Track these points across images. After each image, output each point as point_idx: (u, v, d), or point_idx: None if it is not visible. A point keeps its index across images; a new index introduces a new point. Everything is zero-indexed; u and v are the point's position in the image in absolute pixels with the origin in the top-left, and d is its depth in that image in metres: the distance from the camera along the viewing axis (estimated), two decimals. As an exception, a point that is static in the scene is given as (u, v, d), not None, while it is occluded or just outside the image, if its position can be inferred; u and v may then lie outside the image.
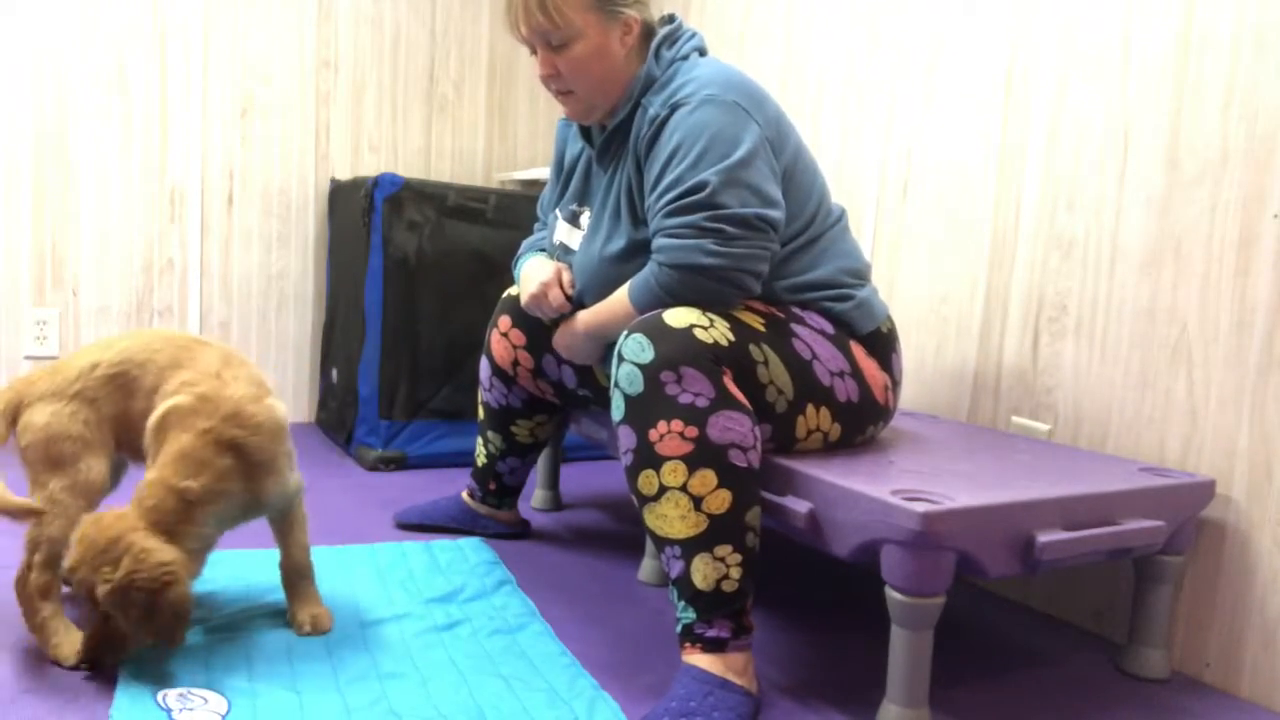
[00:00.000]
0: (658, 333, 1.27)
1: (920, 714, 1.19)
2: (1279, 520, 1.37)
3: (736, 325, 1.32)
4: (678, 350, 1.25)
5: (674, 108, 1.39)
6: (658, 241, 1.37)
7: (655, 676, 1.37)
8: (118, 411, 1.33)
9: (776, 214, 1.36)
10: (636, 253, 1.46)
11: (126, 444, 1.36)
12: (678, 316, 1.28)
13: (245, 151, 2.81)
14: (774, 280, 1.44)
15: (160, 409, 1.28)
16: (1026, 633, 1.62)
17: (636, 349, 1.27)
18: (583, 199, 1.63)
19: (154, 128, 2.69)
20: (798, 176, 1.46)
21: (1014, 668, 1.48)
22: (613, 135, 1.52)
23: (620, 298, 1.45)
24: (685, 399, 1.24)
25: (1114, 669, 1.49)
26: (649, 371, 1.25)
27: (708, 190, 1.32)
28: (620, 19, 1.47)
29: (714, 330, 1.28)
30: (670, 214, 1.36)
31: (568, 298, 1.60)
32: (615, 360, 1.30)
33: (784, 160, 1.43)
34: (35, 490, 1.29)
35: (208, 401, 1.26)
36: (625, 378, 1.28)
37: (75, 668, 1.26)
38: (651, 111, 1.43)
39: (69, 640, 1.27)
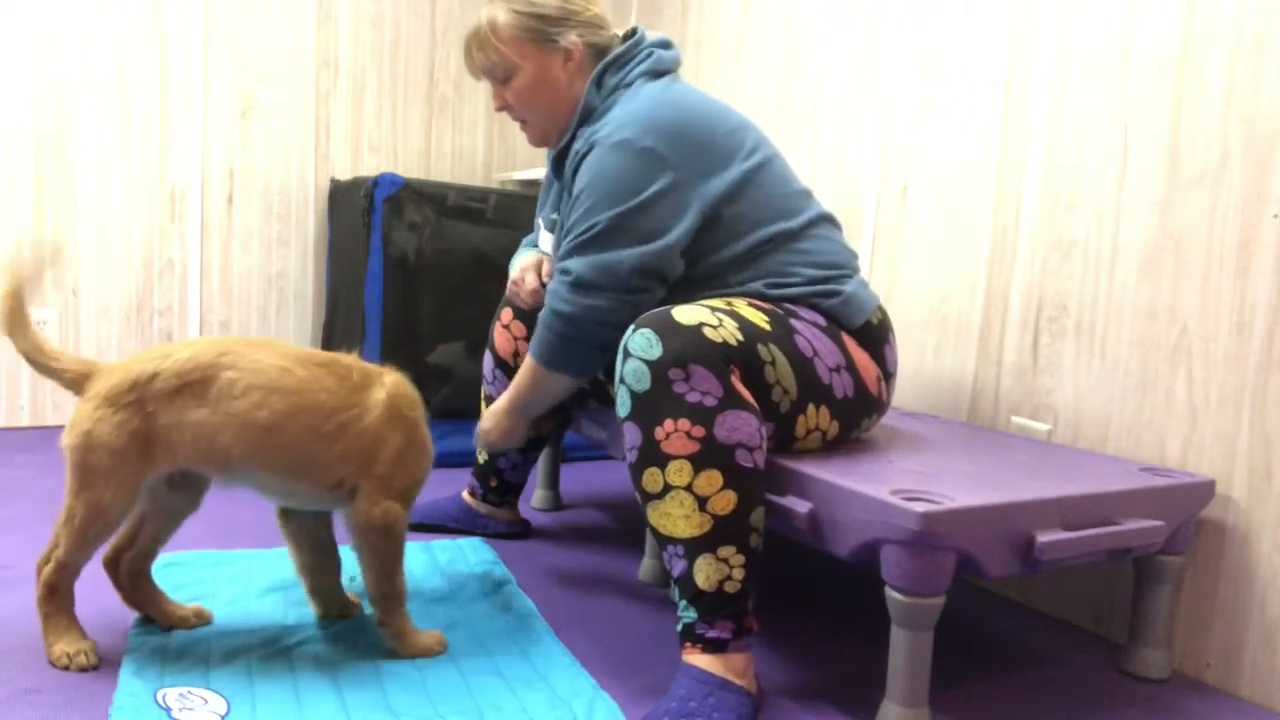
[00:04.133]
0: (666, 329, 1.26)
1: (920, 714, 1.19)
2: (1279, 520, 1.37)
3: (744, 324, 1.32)
4: (687, 348, 1.24)
5: (592, 146, 1.44)
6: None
7: (655, 676, 1.37)
8: (180, 420, 1.25)
9: (659, 245, 1.40)
10: None
11: (205, 454, 1.27)
12: (687, 313, 1.28)
13: (245, 151, 2.81)
14: (751, 280, 1.44)
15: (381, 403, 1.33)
16: (1026, 633, 1.62)
17: (644, 345, 1.26)
18: (558, 207, 1.65)
19: (154, 128, 2.69)
20: (760, 190, 1.46)
21: (1014, 668, 1.48)
22: (558, 161, 1.58)
23: (526, 363, 1.55)
24: (693, 397, 1.23)
25: (1114, 669, 1.49)
26: (657, 368, 1.24)
27: (590, 234, 1.41)
28: (559, 47, 1.53)
29: (723, 329, 1.28)
30: (559, 257, 1.46)
31: (544, 286, 1.63)
32: (621, 355, 1.29)
33: (729, 188, 1.43)
34: (67, 493, 1.25)
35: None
36: (632, 374, 1.27)
37: (64, 669, 1.26)
38: (576, 145, 1.48)
39: (62, 641, 1.27)
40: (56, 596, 1.28)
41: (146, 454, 1.25)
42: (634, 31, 1.56)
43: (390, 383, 1.35)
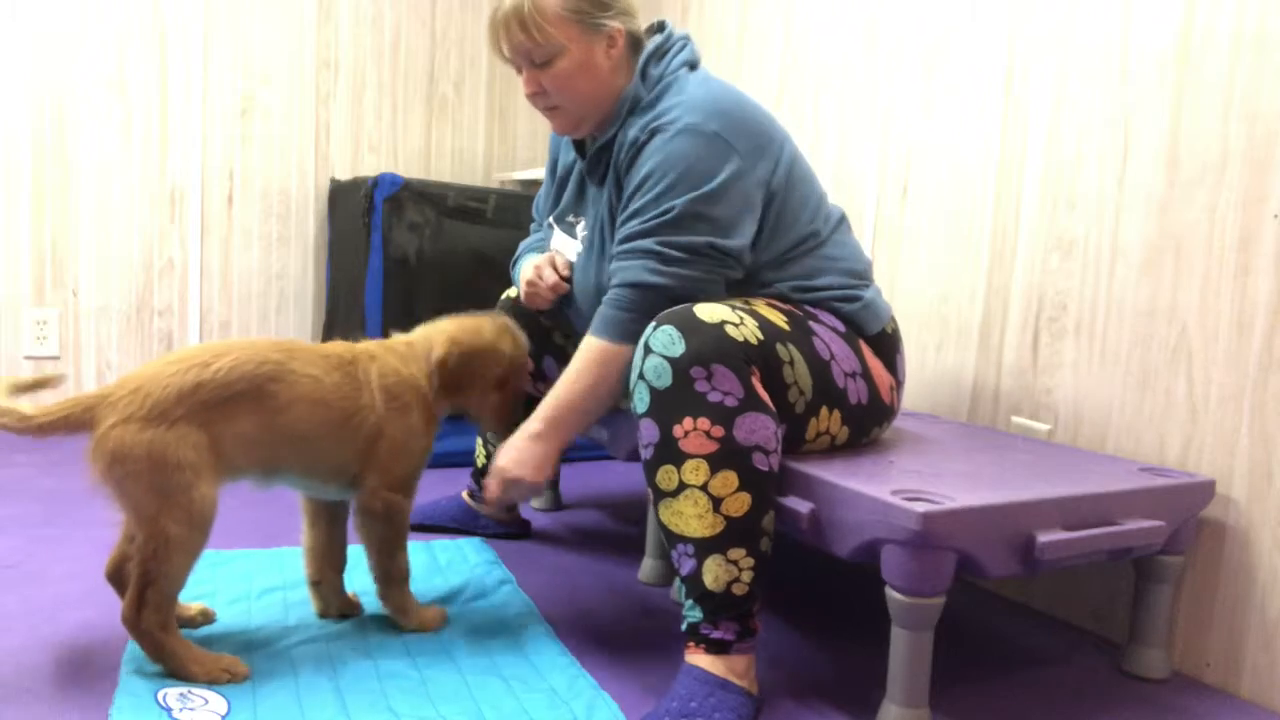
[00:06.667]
0: (689, 326, 1.24)
1: (920, 714, 1.19)
2: (1279, 520, 1.37)
3: (764, 323, 1.31)
4: (710, 347, 1.23)
5: (653, 133, 1.40)
6: (611, 265, 1.39)
7: (655, 676, 1.37)
8: (232, 431, 1.25)
9: (734, 243, 1.37)
10: None
11: (252, 462, 1.30)
12: (709, 311, 1.27)
13: (245, 151, 2.81)
14: (780, 281, 1.44)
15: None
16: (1026, 633, 1.62)
17: (666, 341, 1.25)
18: (577, 209, 1.62)
19: (154, 128, 2.69)
20: (796, 187, 1.45)
21: (1014, 668, 1.48)
22: (600, 153, 1.51)
23: (580, 358, 1.41)
24: (714, 397, 1.23)
25: (1114, 669, 1.49)
26: (679, 366, 1.23)
27: (666, 218, 1.35)
28: (604, 32, 1.45)
29: (744, 328, 1.27)
30: (624, 239, 1.39)
31: (564, 279, 1.60)
32: (641, 351, 1.28)
33: (776, 179, 1.43)
34: (140, 523, 1.20)
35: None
36: (653, 370, 1.25)
37: (226, 684, 1.24)
38: (632, 134, 1.43)
39: (195, 657, 1.25)
40: (169, 630, 1.24)
41: (214, 462, 1.24)
42: (662, 25, 1.55)
43: (377, 371, 1.39)
